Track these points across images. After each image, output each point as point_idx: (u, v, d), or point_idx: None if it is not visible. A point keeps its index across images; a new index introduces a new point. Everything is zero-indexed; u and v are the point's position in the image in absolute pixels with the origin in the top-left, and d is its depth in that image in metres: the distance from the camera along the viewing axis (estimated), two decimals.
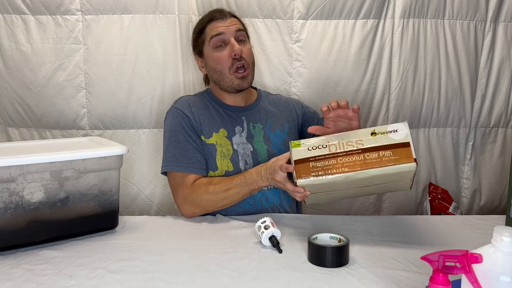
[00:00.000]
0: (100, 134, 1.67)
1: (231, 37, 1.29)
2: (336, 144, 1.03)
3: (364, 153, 1.01)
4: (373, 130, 1.03)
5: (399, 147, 1.00)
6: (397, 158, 0.99)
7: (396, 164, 0.98)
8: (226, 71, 1.30)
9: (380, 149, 1.00)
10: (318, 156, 1.02)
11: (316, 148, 1.04)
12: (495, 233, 0.62)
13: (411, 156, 0.98)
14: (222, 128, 1.33)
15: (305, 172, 1.02)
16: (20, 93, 1.63)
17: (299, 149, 1.05)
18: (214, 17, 1.34)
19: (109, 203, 1.15)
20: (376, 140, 1.01)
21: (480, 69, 1.78)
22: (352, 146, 1.02)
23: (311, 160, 1.03)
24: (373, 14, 1.68)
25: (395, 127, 1.02)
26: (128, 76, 1.64)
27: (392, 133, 1.01)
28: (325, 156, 1.02)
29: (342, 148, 1.02)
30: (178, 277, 0.89)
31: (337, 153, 1.02)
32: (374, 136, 1.02)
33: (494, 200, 1.90)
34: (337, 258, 0.93)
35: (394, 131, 1.01)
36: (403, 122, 1.03)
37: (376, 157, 1.00)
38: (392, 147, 1.00)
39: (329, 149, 1.03)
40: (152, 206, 1.74)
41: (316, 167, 1.02)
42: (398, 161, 0.98)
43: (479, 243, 0.67)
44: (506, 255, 0.60)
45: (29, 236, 1.04)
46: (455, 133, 1.84)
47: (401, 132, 1.01)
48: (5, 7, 1.57)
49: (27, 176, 1.01)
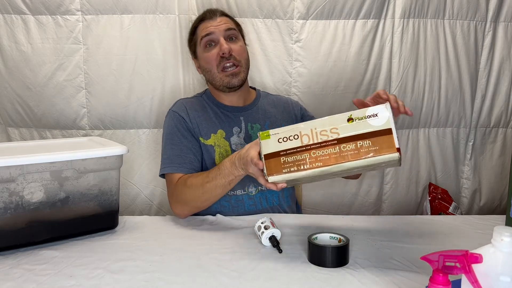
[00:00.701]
0: (100, 134, 1.67)
1: (220, 37, 1.29)
2: (309, 134, 0.92)
3: (339, 144, 0.90)
4: (349, 115, 0.91)
5: (380, 135, 0.88)
6: (377, 149, 0.88)
7: (376, 155, 0.87)
8: (215, 70, 1.30)
9: (358, 138, 0.89)
10: (289, 149, 0.93)
11: (287, 139, 0.93)
12: (495, 233, 0.62)
13: (393, 145, 0.87)
14: (220, 129, 1.33)
15: (276, 169, 0.93)
16: (20, 93, 1.63)
17: (268, 141, 0.95)
18: (204, 17, 1.34)
19: (109, 203, 1.15)
20: (353, 128, 0.90)
21: (480, 69, 1.78)
22: (326, 136, 0.91)
23: (282, 155, 0.93)
24: (373, 14, 1.68)
25: (374, 111, 0.89)
26: (128, 76, 1.64)
27: (371, 118, 0.89)
28: (297, 149, 0.92)
29: (316, 138, 0.91)
30: (178, 277, 0.89)
31: (310, 145, 0.91)
32: (350, 122, 0.90)
33: (494, 200, 1.90)
34: (337, 258, 0.93)
35: (373, 115, 0.89)
36: (384, 105, 0.90)
37: (353, 148, 0.89)
38: (372, 135, 0.88)
39: (301, 141, 0.92)
40: (152, 206, 1.74)
41: (287, 162, 0.92)
42: (378, 152, 0.87)
43: (479, 243, 0.67)
44: (506, 255, 0.60)
45: (29, 236, 1.04)
46: (455, 133, 1.84)
47: (382, 117, 0.88)
48: (5, 7, 1.57)
49: (27, 176, 1.01)
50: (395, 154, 0.87)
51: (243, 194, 1.30)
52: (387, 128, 0.88)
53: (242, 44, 1.35)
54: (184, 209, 1.25)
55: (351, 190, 1.81)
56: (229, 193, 1.29)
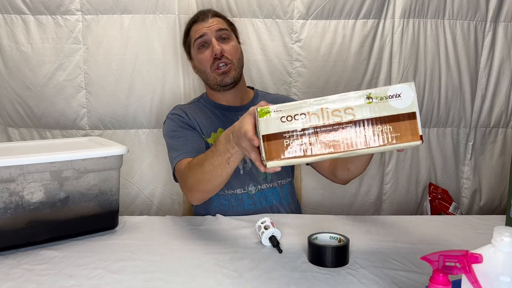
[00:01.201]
0: (100, 134, 1.67)
1: (212, 37, 1.30)
2: (319, 114, 0.78)
3: (355, 128, 0.78)
4: (368, 93, 0.79)
5: (402, 119, 0.77)
6: (398, 136, 0.77)
7: (397, 143, 0.78)
8: (209, 70, 1.32)
9: (377, 122, 0.78)
10: (294, 131, 0.78)
11: (291, 119, 0.78)
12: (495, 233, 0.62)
13: (417, 131, 0.77)
14: (220, 127, 1.34)
15: (278, 153, 0.79)
16: (20, 93, 1.63)
17: (268, 120, 0.79)
18: (196, 19, 1.36)
19: (109, 203, 1.15)
20: (371, 109, 0.78)
21: (480, 69, 1.78)
22: (339, 117, 0.78)
23: (285, 137, 0.79)
24: (373, 14, 1.68)
25: (397, 90, 0.78)
26: (128, 76, 1.64)
27: (393, 99, 0.78)
28: (304, 131, 0.78)
29: (327, 119, 0.78)
30: (178, 277, 0.89)
31: (320, 127, 0.78)
32: (369, 103, 0.78)
33: (494, 200, 1.90)
34: (337, 258, 0.93)
35: (396, 95, 0.78)
36: (409, 83, 0.79)
37: (370, 134, 0.78)
38: (393, 119, 0.77)
39: (309, 120, 0.78)
40: (152, 206, 1.74)
41: (292, 147, 0.78)
42: (399, 139, 0.77)
43: (479, 243, 0.67)
44: (506, 255, 0.60)
45: (29, 236, 1.04)
46: (455, 133, 1.84)
47: (406, 98, 0.78)
48: (5, 7, 1.57)
49: (27, 176, 1.01)
50: (418, 142, 0.78)
51: (243, 193, 1.30)
52: (412, 112, 0.77)
53: (235, 43, 1.35)
54: (193, 194, 1.18)
55: (351, 190, 1.81)
56: (229, 192, 1.30)
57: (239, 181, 1.31)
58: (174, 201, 1.74)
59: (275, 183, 1.33)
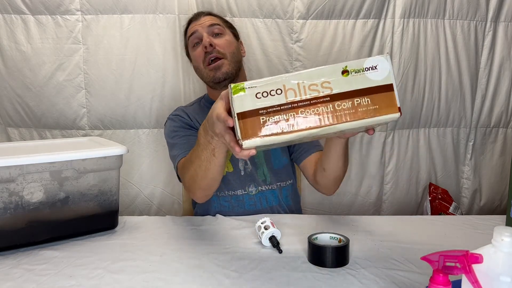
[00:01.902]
0: (100, 134, 1.67)
1: (203, 33, 1.30)
2: (295, 89, 0.76)
3: (333, 102, 0.76)
4: (344, 66, 0.78)
5: (380, 91, 0.77)
6: (377, 108, 0.77)
7: (376, 116, 0.77)
8: (201, 66, 1.31)
9: (355, 95, 0.77)
10: (270, 107, 0.76)
11: (267, 94, 0.76)
12: (496, 233, 0.62)
13: (394, 103, 0.77)
14: None
15: (254, 131, 0.75)
16: (20, 93, 1.63)
17: (242, 96, 0.76)
18: (191, 20, 1.38)
19: (109, 203, 1.15)
20: (348, 82, 0.77)
21: (480, 69, 1.78)
22: (316, 91, 0.76)
23: (261, 113, 0.75)
24: (373, 14, 1.68)
25: (373, 62, 0.78)
26: (128, 76, 1.64)
27: (370, 72, 0.78)
28: (281, 106, 0.76)
29: (304, 93, 0.76)
30: (178, 277, 0.89)
31: (297, 102, 0.76)
32: (345, 75, 0.77)
33: (495, 200, 1.90)
34: (337, 258, 0.93)
35: (372, 68, 0.78)
36: (384, 55, 0.79)
37: (349, 107, 0.76)
38: (370, 91, 0.77)
39: (286, 96, 0.76)
40: (152, 206, 1.74)
41: (268, 122, 0.75)
42: (378, 112, 0.77)
43: (480, 243, 0.67)
44: (507, 255, 0.60)
45: (29, 236, 1.04)
46: (455, 133, 1.83)
47: (382, 69, 0.78)
48: (5, 7, 1.57)
49: (27, 176, 1.01)
50: (396, 114, 0.77)
51: (244, 194, 1.30)
52: (388, 84, 0.77)
53: (229, 38, 1.33)
54: (194, 192, 1.17)
55: (351, 190, 1.81)
56: (230, 193, 1.29)
57: (240, 182, 1.30)
58: (174, 201, 1.74)
59: (274, 185, 1.32)
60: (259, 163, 1.33)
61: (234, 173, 1.30)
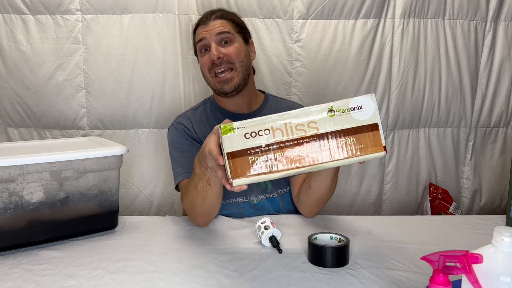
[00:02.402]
0: (100, 134, 1.66)
1: (212, 42, 1.24)
2: (283, 129, 0.79)
3: (319, 141, 0.79)
4: (330, 106, 0.80)
5: (365, 130, 0.79)
6: (362, 148, 0.79)
7: (362, 155, 0.79)
8: (208, 75, 1.26)
9: (340, 134, 0.79)
10: (259, 147, 0.79)
11: (255, 135, 0.79)
12: (496, 233, 0.62)
13: (380, 143, 0.79)
14: None
15: (243, 170, 0.79)
16: (20, 93, 1.63)
17: (232, 136, 0.79)
18: (200, 22, 1.30)
19: (109, 203, 1.15)
20: (334, 122, 0.79)
21: (480, 69, 1.78)
22: (303, 131, 0.79)
23: (249, 153, 0.79)
24: (373, 14, 1.68)
25: (359, 102, 0.80)
26: (128, 76, 1.64)
27: (355, 111, 0.80)
28: (269, 146, 0.79)
29: (291, 133, 0.79)
30: (178, 277, 0.89)
31: (284, 142, 0.79)
32: (331, 116, 0.80)
33: (495, 200, 1.90)
34: (337, 258, 0.93)
35: (357, 107, 0.80)
36: (370, 95, 0.81)
37: (334, 146, 0.79)
38: (356, 131, 0.79)
39: (274, 135, 0.79)
40: (152, 206, 1.74)
41: (256, 163, 0.79)
42: (363, 151, 0.79)
43: (480, 243, 0.67)
44: (507, 255, 0.60)
45: (29, 236, 1.04)
46: (455, 133, 1.83)
47: (367, 109, 0.80)
48: (5, 7, 1.57)
49: (27, 176, 1.01)
50: (382, 153, 0.80)
51: (245, 202, 1.28)
52: (374, 123, 0.80)
53: (238, 45, 1.26)
54: (194, 218, 1.19)
55: (351, 190, 1.81)
56: (231, 201, 1.28)
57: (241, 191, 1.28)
58: (174, 201, 1.74)
59: (274, 193, 1.30)
60: None
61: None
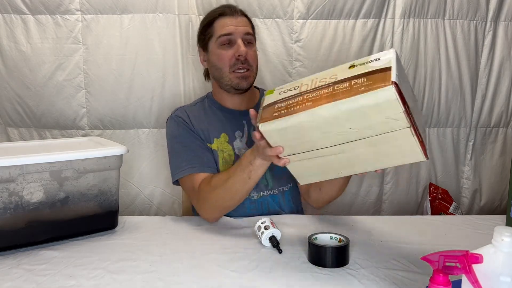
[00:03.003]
0: (100, 134, 1.66)
1: (238, 39, 1.25)
2: (309, 83, 0.87)
3: (333, 85, 0.83)
4: (352, 63, 0.85)
5: (377, 73, 0.78)
6: (370, 84, 0.77)
7: (367, 90, 0.77)
8: (227, 69, 1.26)
9: (353, 78, 0.81)
10: (286, 98, 0.88)
11: (287, 90, 0.89)
12: (496, 233, 0.62)
13: (388, 78, 0.75)
14: (223, 132, 1.30)
15: (268, 115, 0.87)
16: (20, 93, 1.62)
17: (271, 96, 0.92)
18: (224, 12, 1.28)
19: (109, 203, 1.15)
20: (352, 72, 0.83)
21: (480, 69, 1.78)
22: (324, 82, 0.85)
23: (277, 102, 0.89)
24: (373, 14, 1.68)
25: (378, 55, 0.82)
26: (128, 76, 1.63)
27: (373, 62, 0.81)
28: (293, 96, 0.87)
29: (314, 85, 0.86)
30: (178, 277, 0.89)
31: (306, 91, 0.86)
32: (352, 68, 0.84)
33: (495, 200, 1.90)
34: (337, 258, 0.93)
35: (376, 59, 0.81)
36: (392, 49, 0.83)
37: (346, 86, 0.80)
38: (368, 74, 0.79)
39: (300, 89, 0.87)
40: (152, 206, 1.74)
41: (280, 108, 0.86)
42: (370, 87, 0.77)
43: (480, 243, 0.67)
44: (507, 255, 0.60)
45: (29, 236, 1.04)
46: (455, 133, 1.83)
47: (384, 59, 0.80)
48: (5, 7, 1.57)
49: (27, 176, 1.01)
50: (389, 87, 0.75)
51: (245, 198, 1.28)
52: (387, 67, 0.78)
53: (255, 49, 1.32)
54: (213, 212, 1.20)
55: (351, 190, 1.81)
56: None
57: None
58: (174, 201, 1.74)
59: (275, 190, 1.30)
60: None
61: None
